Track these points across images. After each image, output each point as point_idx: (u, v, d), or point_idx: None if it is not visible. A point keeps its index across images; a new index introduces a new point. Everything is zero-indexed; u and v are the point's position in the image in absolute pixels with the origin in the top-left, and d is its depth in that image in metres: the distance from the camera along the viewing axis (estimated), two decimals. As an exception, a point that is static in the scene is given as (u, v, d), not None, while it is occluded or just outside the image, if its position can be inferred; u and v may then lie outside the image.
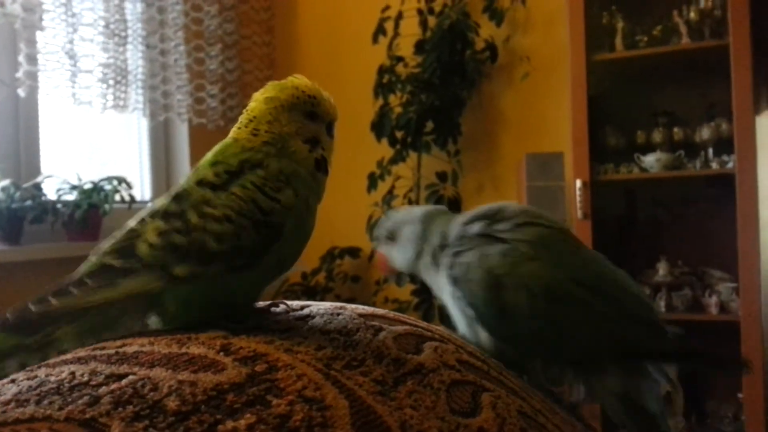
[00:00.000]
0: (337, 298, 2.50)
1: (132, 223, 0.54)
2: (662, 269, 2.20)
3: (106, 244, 0.53)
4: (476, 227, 0.68)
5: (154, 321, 0.53)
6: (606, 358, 0.63)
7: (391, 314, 0.62)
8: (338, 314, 0.55)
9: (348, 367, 0.45)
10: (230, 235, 0.51)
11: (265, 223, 0.52)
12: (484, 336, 0.66)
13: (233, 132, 0.58)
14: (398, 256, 0.75)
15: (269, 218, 0.52)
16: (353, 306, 0.60)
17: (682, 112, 2.28)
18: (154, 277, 0.50)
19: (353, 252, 2.58)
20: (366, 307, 0.62)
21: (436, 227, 0.72)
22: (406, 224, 0.75)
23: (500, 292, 0.63)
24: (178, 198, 0.53)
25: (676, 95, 2.32)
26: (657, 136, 2.25)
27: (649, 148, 2.24)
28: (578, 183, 2.12)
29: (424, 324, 0.63)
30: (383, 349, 0.50)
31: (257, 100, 0.58)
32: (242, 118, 0.58)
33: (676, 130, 2.24)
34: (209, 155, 0.57)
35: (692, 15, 2.17)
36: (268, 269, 0.55)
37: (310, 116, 0.58)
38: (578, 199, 2.12)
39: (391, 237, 0.76)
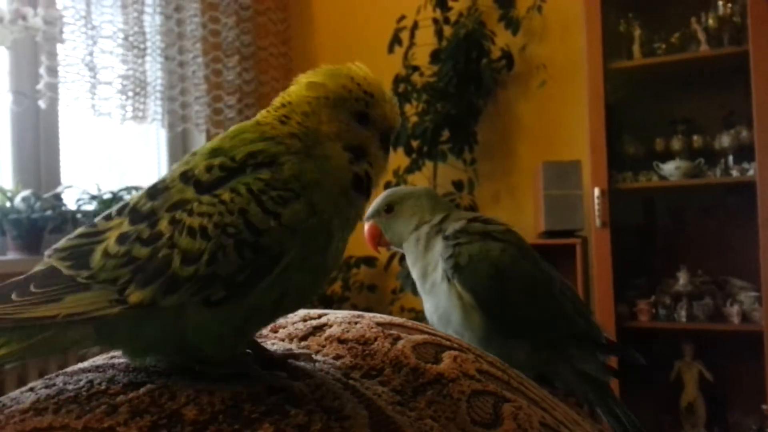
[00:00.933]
0: (353, 308, 2.50)
1: (106, 213, 0.45)
2: (683, 278, 2.17)
3: (70, 236, 0.44)
4: (477, 226, 0.78)
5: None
6: (566, 340, 0.77)
7: (409, 323, 0.62)
8: (356, 323, 0.55)
9: (366, 377, 0.44)
10: (203, 256, 0.39)
11: (254, 246, 0.40)
12: (475, 317, 0.75)
13: (260, 114, 0.47)
14: (396, 228, 0.82)
15: (260, 240, 0.40)
16: (371, 315, 0.60)
17: (702, 119, 2.26)
18: (106, 298, 0.40)
19: (369, 261, 2.57)
20: (384, 316, 0.61)
21: (440, 209, 0.81)
22: (411, 198, 0.82)
23: (503, 280, 0.75)
24: (153, 192, 0.43)
25: (695, 102, 2.30)
26: (676, 143, 2.22)
27: (668, 156, 2.22)
28: (596, 191, 2.10)
29: (442, 333, 0.62)
30: (402, 359, 0.49)
31: (299, 83, 0.47)
32: (276, 101, 0.47)
33: (695, 137, 2.22)
34: (216, 139, 0.46)
35: (711, 22, 2.15)
36: (258, 309, 0.42)
37: (361, 119, 0.46)
38: (596, 207, 2.10)
39: (389, 210, 0.82)
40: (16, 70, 1.91)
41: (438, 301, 0.78)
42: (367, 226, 0.84)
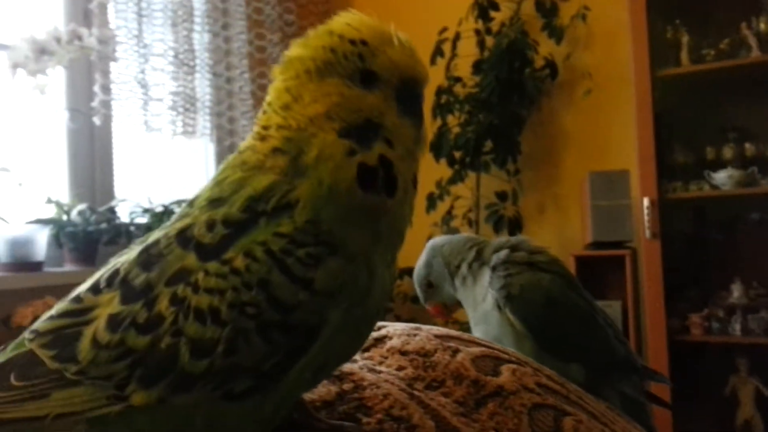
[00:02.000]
0: (397, 319, 2.50)
1: (93, 280, 0.36)
2: (737, 291, 2.11)
3: (57, 307, 0.36)
4: (522, 255, 0.83)
5: None
6: (610, 365, 0.81)
7: (465, 335, 0.62)
8: (415, 335, 0.55)
9: (429, 388, 0.45)
10: (218, 346, 0.31)
11: (283, 326, 0.31)
12: (527, 344, 0.78)
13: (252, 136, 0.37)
14: (443, 290, 0.87)
15: (290, 318, 0.31)
16: (428, 327, 0.60)
17: (754, 126, 2.20)
18: (102, 395, 0.32)
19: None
20: (440, 328, 0.61)
21: (459, 247, 0.86)
22: (434, 264, 0.87)
23: (553, 309, 0.79)
24: (146, 259, 0.33)
25: (746, 109, 2.24)
26: (728, 152, 2.17)
27: (719, 164, 2.17)
28: (646, 201, 2.06)
29: (498, 346, 0.62)
30: (462, 371, 0.50)
31: (273, 75, 0.36)
32: (266, 107, 0.36)
33: (747, 145, 2.16)
34: (210, 183, 0.37)
35: (762, 26, 2.10)
36: (293, 389, 0.34)
37: (365, 79, 0.35)
38: (646, 218, 2.06)
39: (431, 285, 0.88)
40: (71, 89, 1.98)
41: (489, 328, 0.82)
42: (429, 309, 0.92)
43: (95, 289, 0.35)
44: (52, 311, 0.36)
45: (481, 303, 0.83)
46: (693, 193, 2.15)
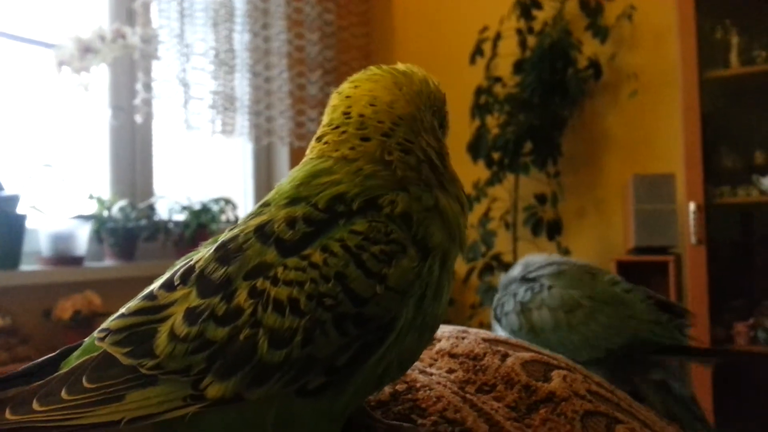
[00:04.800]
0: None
1: (165, 278, 0.36)
2: (785, 300, 2.04)
3: (128, 305, 0.36)
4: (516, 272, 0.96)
5: None
6: (635, 352, 0.85)
7: (513, 340, 0.61)
8: (463, 338, 0.54)
9: (480, 392, 0.43)
10: (296, 336, 0.32)
11: (358, 319, 0.32)
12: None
13: (341, 143, 0.38)
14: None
15: (365, 310, 0.32)
16: (475, 330, 0.59)
17: (805, 130, 2.12)
18: (178, 395, 0.33)
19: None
20: (487, 332, 0.60)
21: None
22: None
23: (526, 315, 0.89)
24: (224, 254, 0.35)
25: (797, 113, 2.16)
26: (777, 156, 2.10)
27: (768, 169, 2.09)
28: (692, 206, 2.00)
29: (546, 351, 0.61)
30: (513, 375, 0.48)
31: (387, 88, 0.39)
32: (370, 122, 0.38)
33: (798, 150, 2.09)
34: (286, 185, 0.38)
35: (816, 27, 2.03)
36: (362, 389, 0.34)
37: (440, 126, 0.41)
38: (692, 223, 2.00)
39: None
40: (114, 87, 2.01)
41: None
42: None
43: (169, 286, 0.35)
44: (123, 310, 0.36)
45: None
46: (740, 198, 2.08)
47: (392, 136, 0.37)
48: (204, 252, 0.36)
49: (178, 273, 0.35)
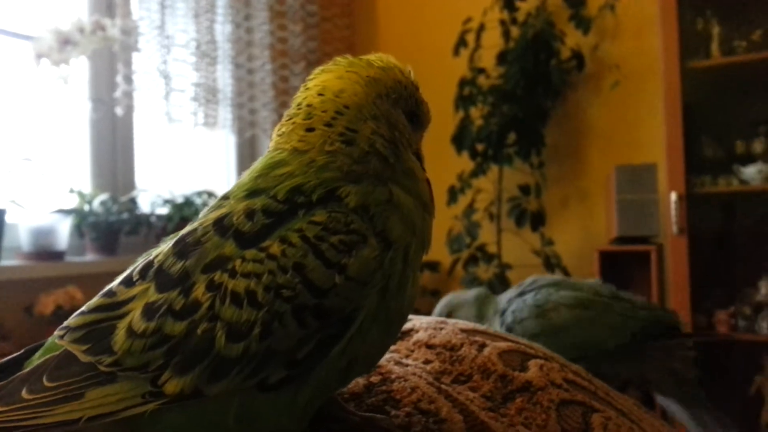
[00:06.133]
0: (416, 312, 2.48)
1: (125, 275, 0.36)
2: (765, 288, 2.07)
3: (88, 303, 0.36)
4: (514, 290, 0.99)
5: None
6: (640, 342, 0.89)
7: (491, 330, 0.61)
8: (441, 328, 0.54)
9: (456, 382, 0.44)
10: (254, 329, 0.31)
11: (317, 311, 0.32)
12: None
13: (291, 134, 0.37)
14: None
15: (324, 302, 0.32)
16: (453, 321, 0.59)
17: (786, 120, 2.15)
18: (137, 392, 0.32)
19: (432, 266, 2.55)
20: (466, 323, 0.60)
21: (490, 307, 0.97)
22: (462, 307, 0.96)
23: (546, 317, 0.91)
24: (183, 249, 0.34)
25: (778, 103, 2.19)
26: (758, 146, 2.12)
27: (749, 159, 2.12)
28: (673, 196, 2.02)
29: (524, 341, 0.61)
30: (489, 365, 0.49)
31: (341, 77, 0.38)
32: (316, 111, 0.37)
33: (778, 139, 2.11)
34: (245, 177, 0.38)
35: (796, 17, 2.04)
36: (325, 383, 0.34)
37: (411, 119, 0.40)
38: (673, 213, 2.02)
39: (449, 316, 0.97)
40: (94, 79, 1.99)
41: None
42: None
43: (128, 282, 0.35)
44: (83, 308, 0.36)
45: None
46: (721, 187, 2.10)
47: (334, 125, 0.36)
48: (163, 247, 0.36)
49: (137, 268, 0.35)
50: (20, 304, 1.61)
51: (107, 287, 0.36)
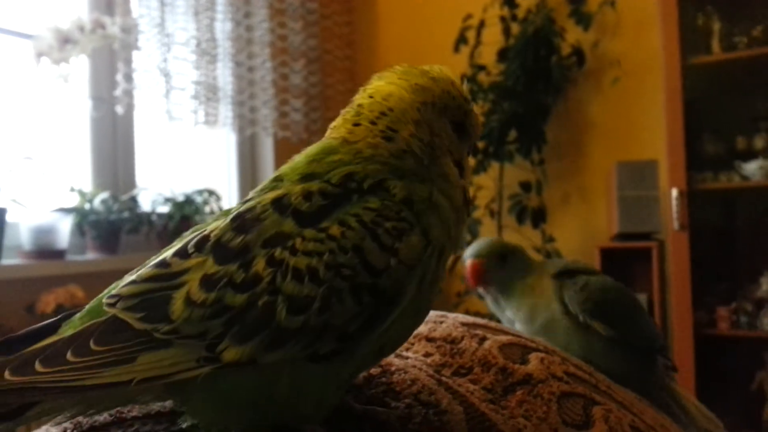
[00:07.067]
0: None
1: (178, 247, 0.37)
2: (766, 284, 2.07)
3: (139, 273, 0.37)
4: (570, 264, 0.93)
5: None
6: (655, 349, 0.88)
7: (492, 324, 0.61)
8: (441, 322, 0.54)
9: (457, 375, 0.44)
10: (314, 304, 0.33)
11: (372, 289, 0.34)
12: (597, 345, 0.84)
13: (341, 127, 0.40)
14: (506, 275, 0.89)
15: (379, 282, 0.34)
16: (454, 315, 0.59)
17: (787, 116, 2.14)
18: (192, 357, 0.33)
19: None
20: (466, 316, 0.60)
21: (550, 263, 0.92)
22: (521, 252, 0.91)
23: (625, 306, 0.88)
24: (241, 224, 0.36)
25: (779, 99, 2.18)
26: (759, 142, 2.12)
27: (750, 155, 2.11)
28: (674, 192, 2.02)
29: (526, 335, 0.61)
30: (489, 358, 0.49)
31: (392, 83, 0.41)
32: (364, 110, 0.40)
33: (779, 135, 2.11)
34: (298, 162, 0.40)
35: (797, 13, 2.04)
36: (365, 359, 0.37)
37: (459, 129, 0.42)
38: (675, 209, 2.01)
39: (503, 259, 0.90)
40: (95, 77, 1.99)
41: (555, 336, 0.86)
42: (474, 263, 0.90)
43: (183, 254, 0.36)
44: (133, 276, 0.37)
45: (543, 312, 0.87)
46: (723, 183, 2.10)
47: (377, 124, 0.39)
48: (218, 223, 0.37)
49: (192, 242, 0.36)
50: (21, 302, 1.61)
51: (158, 258, 0.37)
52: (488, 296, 0.93)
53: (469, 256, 0.91)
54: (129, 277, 0.37)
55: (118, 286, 0.37)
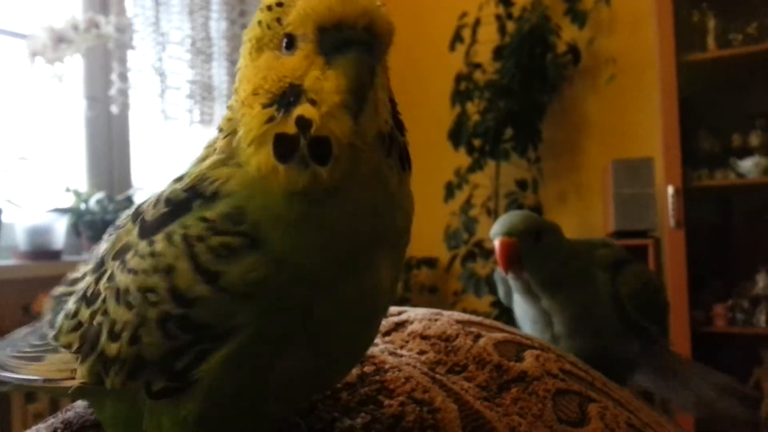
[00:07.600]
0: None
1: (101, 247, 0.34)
2: (762, 281, 2.07)
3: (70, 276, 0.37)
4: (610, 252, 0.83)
5: None
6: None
7: (487, 321, 0.61)
8: (436, 320, 0.54)
9: (451, 372, 0.44)
10: (124, 332, 0.28)
11: (182, 322, 0.27)
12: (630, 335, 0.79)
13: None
14: (542, 257, 0.74)
15: (191, 313, 0.27)
16: (449, 312, 0.59)
17: (782, 113, 2.15)
18: (70, 366, 0.32)
19: (430, 262, 2.55)
20: (461, 314, 0.60)
21: (589, 244, 0.80)
22: (557, 230, 0.77)
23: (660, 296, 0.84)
24: (113, 228, 0.34)
25: (775, 96, 2.19)
26: (755, 139, 2.12)
27: (746, 152, 2.12)
28: (670, 190, 2.02)
29: (521, 332, 0.61)
30: (484, 356, 0.49)
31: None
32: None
33: (775, 132, 2.11)
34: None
35: (792, 10, 2.04)
36: (226, 402, 0.28)
37: (288, 43, 0.29)
38: (670, 206, 2.02)
39: (538, 237, 0.74)
40: (89, 77, 1.98)
41: (600, 338, 0.76)
42: (505, 242, 0.75)
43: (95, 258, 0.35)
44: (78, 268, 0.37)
45: (596, 310, 0.75)
46: (718, 181, 2.10)
47: (231, 105, 0.32)
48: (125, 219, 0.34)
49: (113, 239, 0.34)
50: (17, 303, 1.61)
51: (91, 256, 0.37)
52: (516, 283, 0.77)
53: (498, 233, 0.75)
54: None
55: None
